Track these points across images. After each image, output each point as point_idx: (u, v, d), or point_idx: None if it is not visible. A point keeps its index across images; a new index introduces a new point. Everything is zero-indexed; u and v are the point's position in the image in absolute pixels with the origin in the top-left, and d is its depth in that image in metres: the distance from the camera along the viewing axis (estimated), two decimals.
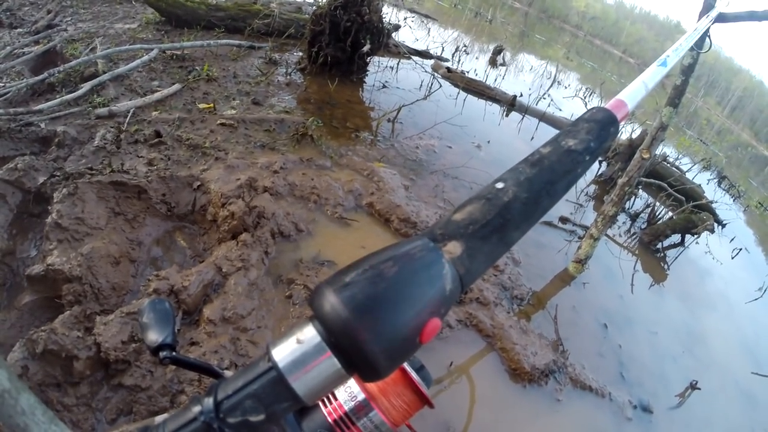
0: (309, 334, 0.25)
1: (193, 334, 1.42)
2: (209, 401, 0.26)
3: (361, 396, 0.49)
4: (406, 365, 0.51)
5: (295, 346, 0.25)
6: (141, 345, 1.31)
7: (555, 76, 6.91)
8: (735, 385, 2.31)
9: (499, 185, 0.28)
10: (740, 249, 3.59)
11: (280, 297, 1.66)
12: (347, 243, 1.99)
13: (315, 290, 0.25)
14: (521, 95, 4.87)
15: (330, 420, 0.49)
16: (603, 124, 0.33)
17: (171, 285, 1.48)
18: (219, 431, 0.26)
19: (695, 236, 3.31)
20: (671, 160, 4.74)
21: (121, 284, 1.55)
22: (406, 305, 0.23)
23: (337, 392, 0.51)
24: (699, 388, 2.02)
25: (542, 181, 0.28)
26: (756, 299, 3.05)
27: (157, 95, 2.63)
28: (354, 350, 0.23)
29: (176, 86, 2.78)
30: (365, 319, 0.23)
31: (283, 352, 0.25)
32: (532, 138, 4.01)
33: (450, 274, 0.25)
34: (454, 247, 0.25)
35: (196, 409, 0.27)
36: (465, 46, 6.57)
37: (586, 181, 3.45)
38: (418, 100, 3.75)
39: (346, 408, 0.49)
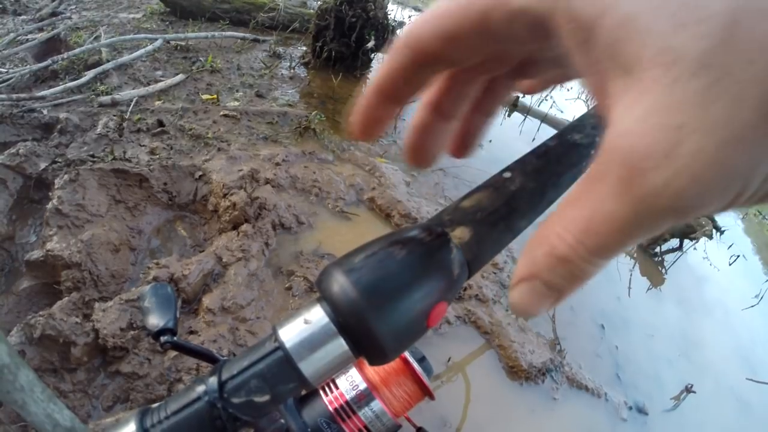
0: (317, 315, 0.24)
1: (191, 323, 1.42)
2: (213, 381, 0.26)
3: (363, 385, 0.49)
4: (408, 356, 0.51)
5: (302, 326, 0.24)
6: (139, 332, 1.31)
7: None
8: (730, 390, 2.31)
9: (507, 174, 0.28)
10: (738, 256, 3.58)
11: (279, 288, 1.66)
12: (348, 237, 1.99)
13: (323, 271, 0.24)
14: (523, 96, 4.86)
15: (331, 409, 0.49)
16: None
17: (171, 273, 1.48)
18: (223, 411, 0.26)
19: (694, 241, 3.30)
20: None
21: (121, 272, 1.55)
22: (415, 288, 0.23)
23: (338, 381, 0.51)
24: (694, 392, 2.03)
25: (549, 172, 0.28)
26: (752, 306, 3.05)
27: (160, 85, 2.62)
28: (362, 331, 0.23)
29: (180, 77, 2.77)
30: (374, 300, 0.22)
31: (290, 333, 0.25)
32: (534, 139, 4.00)
33: (458, 258, 0.25)
34: (462, 233, 0.25)
35: (200, 388, 0.26)
36: None
37: None
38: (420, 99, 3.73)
39: (347, 397, 0.49)
